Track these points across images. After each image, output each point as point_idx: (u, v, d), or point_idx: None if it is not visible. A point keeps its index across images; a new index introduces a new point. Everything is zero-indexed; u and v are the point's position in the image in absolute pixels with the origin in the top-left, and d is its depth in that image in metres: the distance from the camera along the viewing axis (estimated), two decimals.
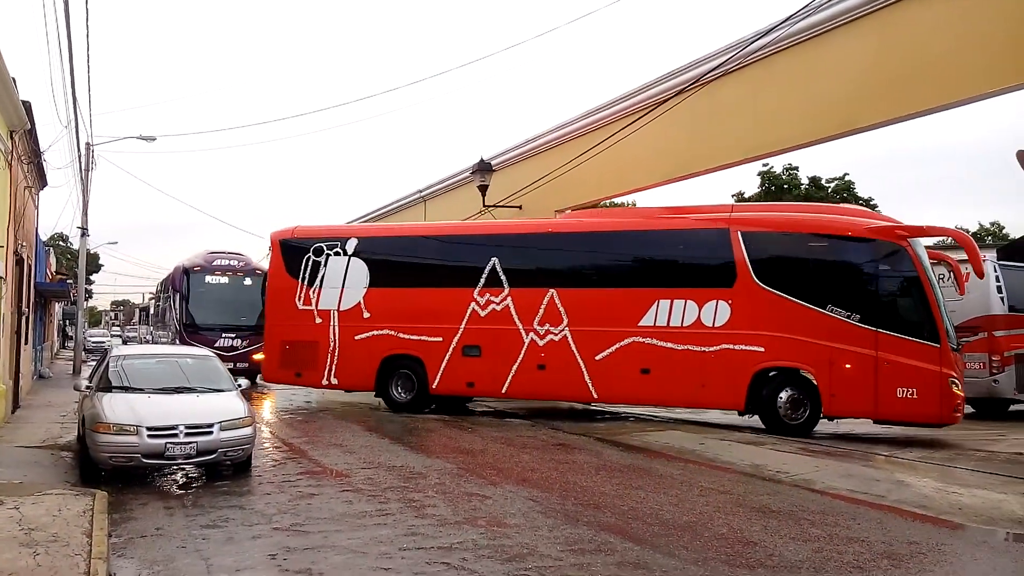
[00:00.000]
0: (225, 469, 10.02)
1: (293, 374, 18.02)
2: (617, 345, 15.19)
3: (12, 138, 14.19)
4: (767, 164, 39.82)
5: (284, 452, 12.02)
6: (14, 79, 12.38)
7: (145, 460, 9.20)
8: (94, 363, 13.41)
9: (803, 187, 41.43)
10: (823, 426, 14.29)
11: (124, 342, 51.28)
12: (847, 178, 41.89)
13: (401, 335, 16.88)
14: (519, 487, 9.50)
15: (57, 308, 43.34)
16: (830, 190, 41.62)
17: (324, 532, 7.37)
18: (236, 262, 25.57)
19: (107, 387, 10.25)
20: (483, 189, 21.96)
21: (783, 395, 14.11)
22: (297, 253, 17.89)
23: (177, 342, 23.70)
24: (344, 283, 17.33)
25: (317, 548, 6.87)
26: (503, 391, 16.29)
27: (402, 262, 17.73)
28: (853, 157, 58.22)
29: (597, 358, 15.33)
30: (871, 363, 13.31)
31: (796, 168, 41.61)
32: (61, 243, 53.65)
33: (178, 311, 25.05)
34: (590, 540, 7.19)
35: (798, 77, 14.39)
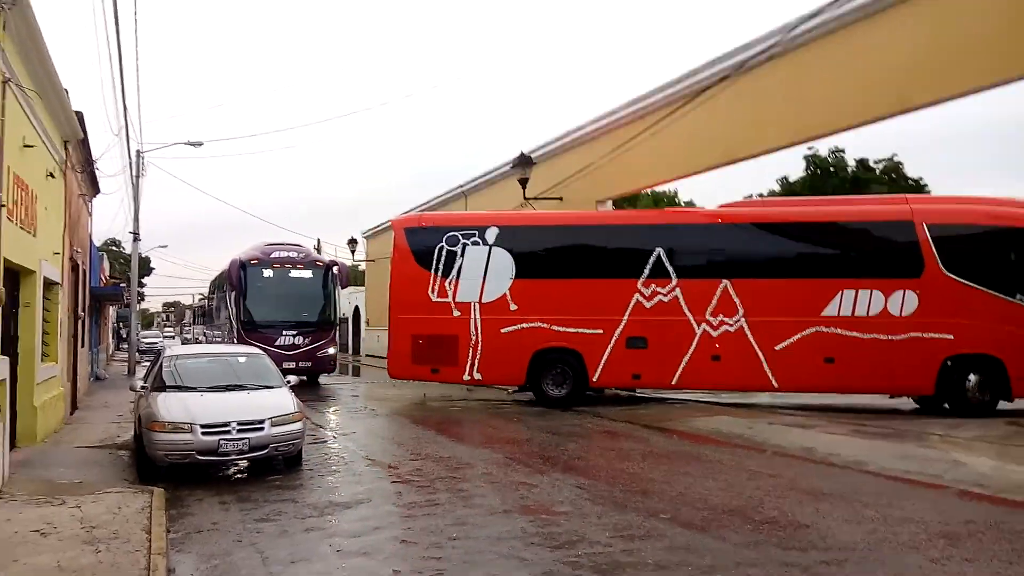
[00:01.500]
0: (277, 463, 10.21)
1: (428, 370, 17.12)
2: (799, 335, 15.43)
3: (66, 148, 14.58)
4: (812, 147, 39.11)
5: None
6: (67, 91, 12.71)
7: (200, 457, 9.40)
8: (148, 364, 13.74)
9: (850, 169, 40.63)
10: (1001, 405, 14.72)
11: (183, 343, 51.62)
12: (895, 159, 40.99)
13: (555, 328, 16.47)
14: (566, 475, 9.51)
15: (111, 311, 44.41)
16: (878, 171, 40.75)
17: (376, 525, 7.47)
18: (296, 254, 24.11)
19: (161, 387, 10.49)
20: (523, 182, 21.95)
21: (971, 379, 14.67)
22: (427, 242, 17.13)
23: (235, 341, 22.28)
24: (486, 274, 16.73)
25: (367, 535, 6.95)
26: (672, 382, 16.25)
27: (554, 252, 17.09)
28: (900, 138, 56.78)
29: (777, 348, 15.54)
30: None
31: (842, 151, 40.80)
32: (114, 248, 55.07)
33: (235, 308, 23.43)
34: (639, 526, 7.17)
35: (845, 59, 14.11)
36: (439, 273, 16.92)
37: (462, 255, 16.88)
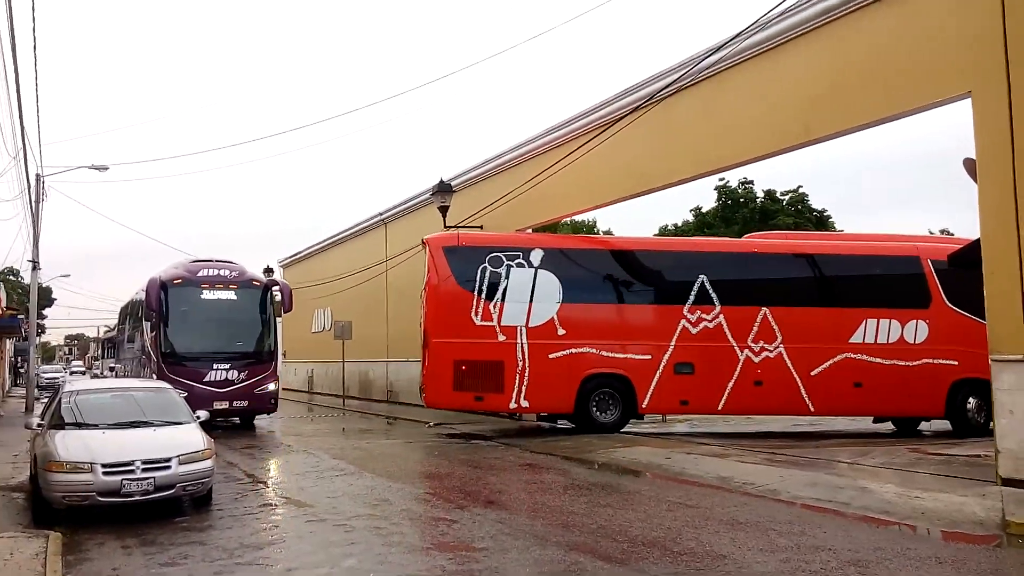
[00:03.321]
0: (185, 504, 9.78)
1: (472, 397, 16.43)
2: (831, 361, 16.18)
3: None
4: (723, 179, 40.50)
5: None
6: None
7: (101, 498, 8.92)
8: (47, 400, 13.05)
9: (759, 200, 42.13)
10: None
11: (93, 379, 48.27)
12: (801, 190, 42.70)
13: (603, 353, 16.20)
14: (487, 509, 9.40)
15: (8, 344, 42.26)
16: (785, 202, 42.39)
17: (287, 565, 7.20)
18: (228, 272, 20.50)
19: (60, 424, 9.94)
20: (444, 210, 21.91)
21: (971, 402, 16.06)
22: (468, 262, 16.52)
23: (154, 377, 18.63)
24: (532, 297, 16.25)
25: None
26: (719, 408, 16.38)
27: (600, 276, 16.89)
28: (807, 170, 59.31)
29: (812, 373, 16.17)
30: None
31: (751, 182, 42.36)
32: (11, 277, 52.45)
33: (154, 338, 19.82)
34: (560, 560, 7.11)
35: (751, 91, 14.60)
36: (482, 295, 16.22)
37: (507, 277, 16.32)
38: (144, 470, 9.05)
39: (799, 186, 42.80)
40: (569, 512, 9.22)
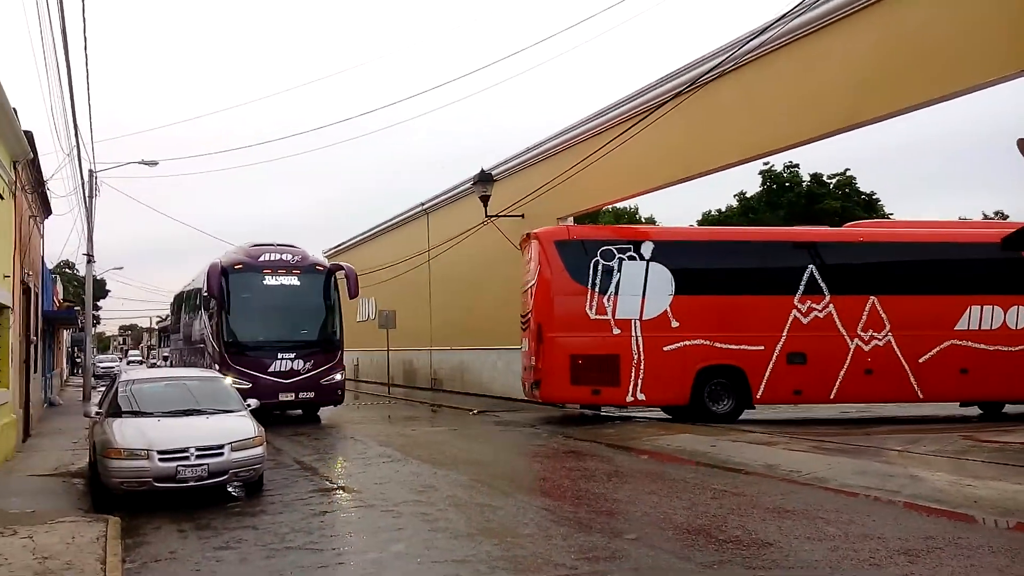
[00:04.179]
0: (237, 489, 10.02)
1: (590, 392, 16.37)
2: (937, 348, 16.43)
3: (15, 168, 14.27)
4: (768, 163, 39.83)
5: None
6: (15, 109, 12.46)
7: (157, 484, 9.20)
8: (103, 389, 13.42)
9: (805, 184, 41.43)
10: None
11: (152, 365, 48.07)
12: (848, 173, 41.88)
13: (717, 344, 16.26)
14: (531, 496, 9.47)
15: (65, 335, 43.50)
16: (832, 186, 41.62)
17: (337, 549, 7.36)
18: (290, 256, 19.49)
19: (117, 412, 10.26)
20: (485, 200, 21.99)
21: None
22: (580, 256, 16.38)
23: (216, 367, 17.55)
24: (645, 290, 16.25)
25: (331, 566, 6.85)
26: (831, 397, 16.56)
27: (712, 268, 16.90)
28: (854, 153, 58.12)
29: (920, 360, 16.38)
30: None
31: (797, 166, 41.60)
32: (67, 270, 53.94)
33: (215, 326, 18.88)
34: (604, 547, 7.15)
35: (795, 74, 14.38)
36: (596, 289, 16.21)
37: (619, 270, 16.30)
38: (198, 457, 9.31)
39: (846, 169, 41.94)
40: (613, 499, 9.24)
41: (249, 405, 11.07)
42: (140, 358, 71.55)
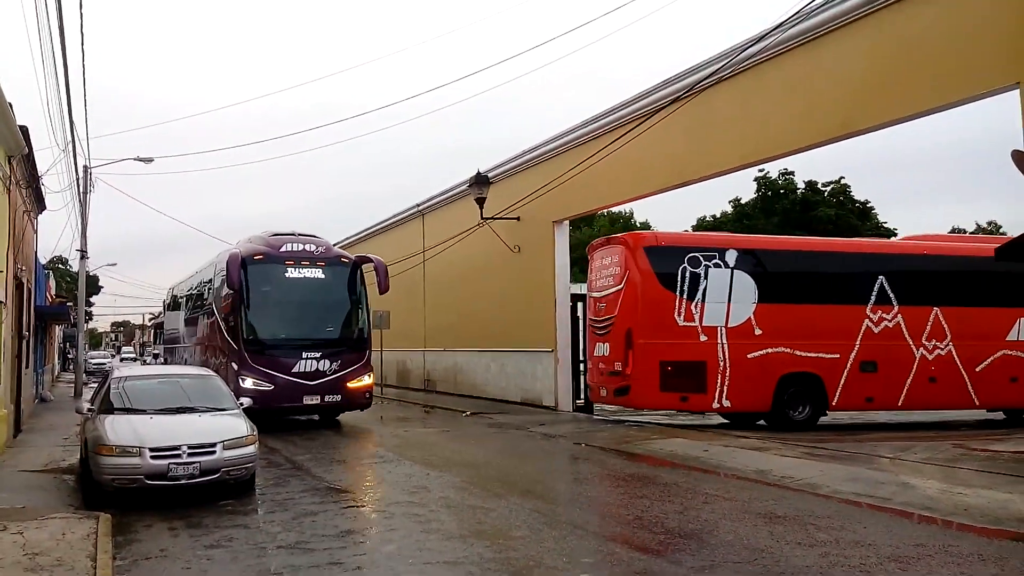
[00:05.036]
0: (229, 488, 9.99)
1: (678, 398, 16.45)
2: (991, 357, 17.12)
3: (10, 163, 14.22)
4: (763, 170, 39.98)
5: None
6: (10, 104, 12.41)
7: (148, 481, 9.16)
8: (95, 385, 13.37)
9: (799, 191, 41.59)
10: None
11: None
12: (843, 182, 42.06)
13: (797, 352, 16.49)
14: (524, 498, 9.48)
15: (57, 331, 43.34)
16: (826, 194, 41.79)
17: (328, 549, 7.35)
18: (313, 246, 18.00)
19: (109, 409, 10.22)
20: (480, 202, 22.00)
21: None
22: (669, 262, 16.40)
23: (234, 367, 16.64)
24: (730, 297, 16.41)
25: (322, 566, 6.84)
26: (899, 404, 17.15)
27: (792, 277, 17.16)
28: (849, 161, 58.31)
29: (977, 369, 17.00)
30: None
31: (792, 173, 41.79)
32: (60, 266, 53.74)
33: (231, 323, 17.39)
34: (596, 550, 7.16)
35: (792, 82, 14.44)
36: (684, 295, 16.27)
37: (705, 277, 16.41)
38: (190, 455, 9.27)
39: (841, 177, 42.16)
40: (605, 502, 9.27)
41: (241, 404, 11.05)
42: (134, 355, 70.92)
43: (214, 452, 9.42)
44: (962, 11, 11.40)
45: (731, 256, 16.58)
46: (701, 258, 16.42)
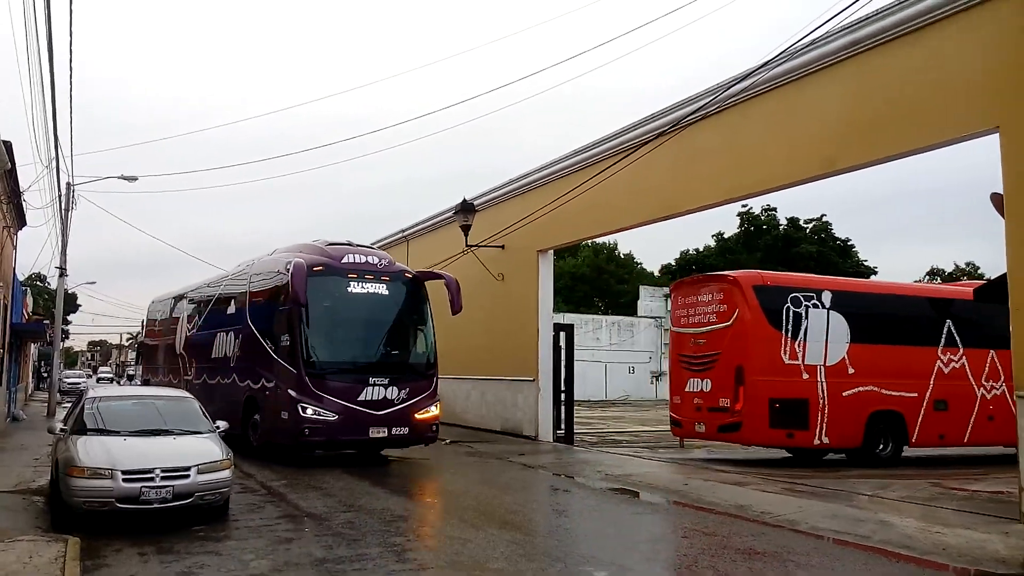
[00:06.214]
0: (202, 513, 9.83)
1: (784, 435, 16.71)
2: None
3: None
4: (746, 205, 40.55)
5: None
6: None
7: (120, 504, 8.99)
8: (69, 405, 13.16)
9: (782, 227, 42.00)
10: None
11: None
12: (824, 219, 42.55)
13: (883, 391, 17.06)
14: (501, 529, 9.38)
15: (33, 349, 42.79)
16: (808, 231, 42.23)
17: None
18: (377, 259, 16.10)
19: (82, 429, 10.05)
20: (466, 229, 22.02)
21: None
22: (774, 301, 16.81)
23: (292, 393, 14.41)
24: (827, 337, 16.94)
25: None
26: (965, 440, 17.83)
27: (880, 319, 17.78)
28: (830, 199, 59.03)
29: None
30: None
31: (775, 209, 42.34)
32: (39, 283, 53.20)
33: (285, 341, 14.94)
34: None
35: (776, 120, 14.61)
36: (788, 334, 16.70)
37: (806, 317, 16.91)
38: (163, 478, 9.12)
39: (823, 215, 42.72)
40: (583, 534, 9.18)
41: (217, 427, 10.90)
42: (111, 375, 69.71)
43: (188, 476, 9.27)
44: (944, 55, 11.60)
45: (827, 297, 17.19)
46: (802, 298, 17.00)
